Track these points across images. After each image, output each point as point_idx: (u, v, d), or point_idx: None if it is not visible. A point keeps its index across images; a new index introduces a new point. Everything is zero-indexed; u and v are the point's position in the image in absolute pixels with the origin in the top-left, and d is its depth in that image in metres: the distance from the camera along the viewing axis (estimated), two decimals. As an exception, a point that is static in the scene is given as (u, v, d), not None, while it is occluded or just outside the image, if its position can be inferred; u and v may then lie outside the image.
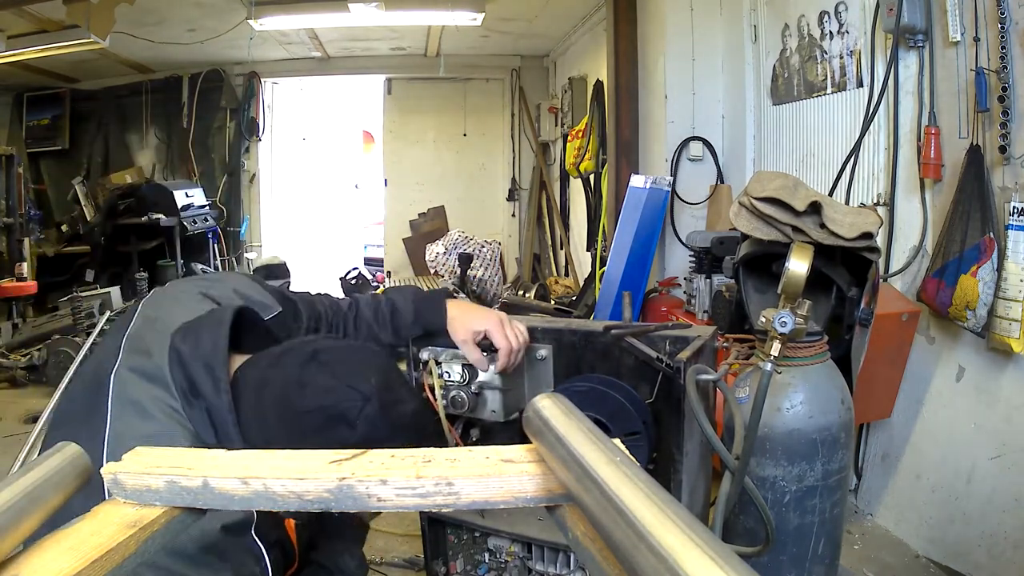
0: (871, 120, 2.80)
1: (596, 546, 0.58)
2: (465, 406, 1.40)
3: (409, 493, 0.61)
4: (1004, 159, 2.21)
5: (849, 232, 1.37)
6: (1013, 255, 2.17)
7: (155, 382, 0.97)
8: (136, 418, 0.95)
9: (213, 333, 1.00)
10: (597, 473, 0.53)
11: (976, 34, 2.29)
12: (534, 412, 0.67)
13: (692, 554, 0.42)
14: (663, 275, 4.28)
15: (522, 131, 8.69)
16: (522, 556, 1.47)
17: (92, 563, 0.55)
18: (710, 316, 3.23)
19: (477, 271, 7.45)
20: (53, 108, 8.24)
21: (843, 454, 1.39)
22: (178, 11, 5.89)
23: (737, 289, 1.59)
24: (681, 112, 4.22)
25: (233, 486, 0.63)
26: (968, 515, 2.41)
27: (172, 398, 0.96)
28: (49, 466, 0.63)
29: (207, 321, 1.03)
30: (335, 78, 8.99)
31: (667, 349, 1.38)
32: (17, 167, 6.52)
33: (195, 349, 0.98)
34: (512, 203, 9.02)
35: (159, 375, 0.98)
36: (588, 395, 1.36)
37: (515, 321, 1.39)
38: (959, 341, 2.49)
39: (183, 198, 6.89)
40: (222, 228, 7.88)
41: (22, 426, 4.32)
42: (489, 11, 5.89)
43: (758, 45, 3.80)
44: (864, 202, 2.91)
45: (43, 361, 5.12)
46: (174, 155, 8.29)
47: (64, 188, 8.11)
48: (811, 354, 1.38)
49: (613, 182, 4.68)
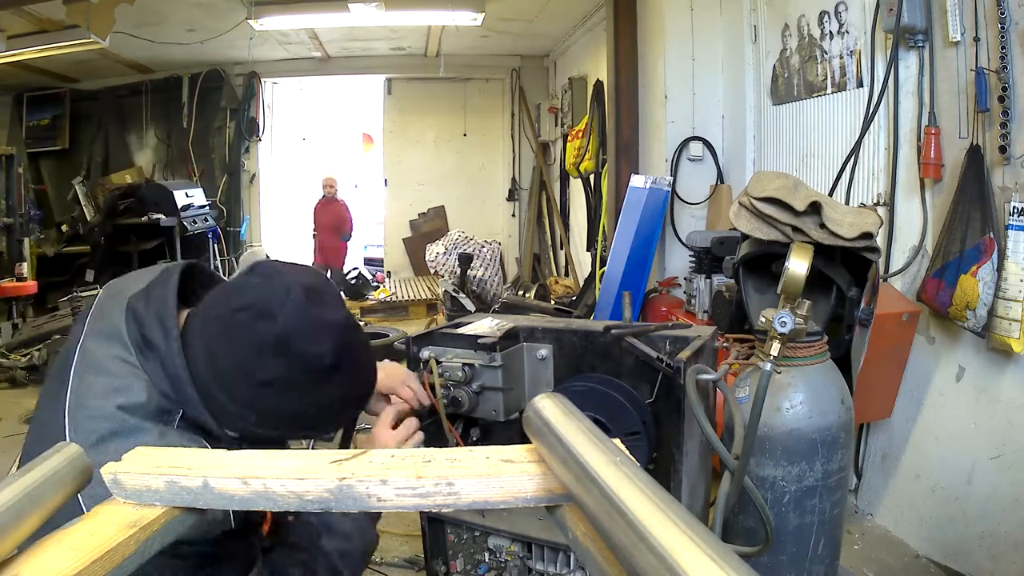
0: (871, 120, 2.80)
1: (596, 546, 0.58)
2: (465, 406, 1.40)
3: (409, 493, 0.61)
4: (1004, 159, 2.21)
5: (849, 232, 1.37)
6: (1013, 255, 2.17)
7: (112, 340, 1.02)
8: (93, 375, 0.99)
9: (163, 286, 1.05)
10: (597, 473, 0.53)
11: (976, 34, 2.29)
12: (534, 412, 0.67)
13: (692, 554, 0.42)
14: (663, 275, 4.28)
15: (522, 131, 8.70)
16: (522, 556, 1.47)
17: (92, 563, 0.55)
18: (710, 316, 3.23)
19: (477, 271, 7.45)
20: (53, 108, 8.25)
21: (843, 454, 1.39)
22: (178, 11, 5.89)
23: (737, 289, 1.59)
24: (681, 112, 4.22)
25: (233, 486, 0.63)
26: (968, 515, 2.41)
27: (128, 353, 1.00)
28: (49, 466, 0.63)
29: (158, 279, 1.08)
30: (335, 78, 9.00)
31: (667, 349, 1.38)
32: (17, 167, 6.52)
33: (147, 304, 1.03)
34: (512, 203, 9.02)
35: (116, 334, 1.02)
36: (588, 395, 1.36)
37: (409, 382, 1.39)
38: (959, 341, 2.49)
39: (183, 198, 6.89)
40: (222, 228, 7.89)
41: (22, 426, 4.32)
42: (489, 11, 5.89)
43: (758, 45, 3.80)
44: (864, 202, 2.91)
45: (43, 361, 5.12)
46: (174, 155, 8.30)
47: (64, 188, 8.12)
48: (811, 354, 1.38)
49: (613, 182, 4.68)
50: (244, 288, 1.00)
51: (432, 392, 1.40)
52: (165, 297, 1.03)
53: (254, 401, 0.97)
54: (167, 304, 1.02)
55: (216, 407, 0.99)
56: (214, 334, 0.99)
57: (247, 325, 0.96)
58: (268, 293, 0.98)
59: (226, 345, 0.97)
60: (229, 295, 1.01)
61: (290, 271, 1.03)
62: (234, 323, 0.97)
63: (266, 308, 0.97)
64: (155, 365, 0.99)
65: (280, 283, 0.99)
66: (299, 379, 0.97)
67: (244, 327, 0.96)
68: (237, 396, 0.97)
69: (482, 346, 1.39)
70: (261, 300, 0.97)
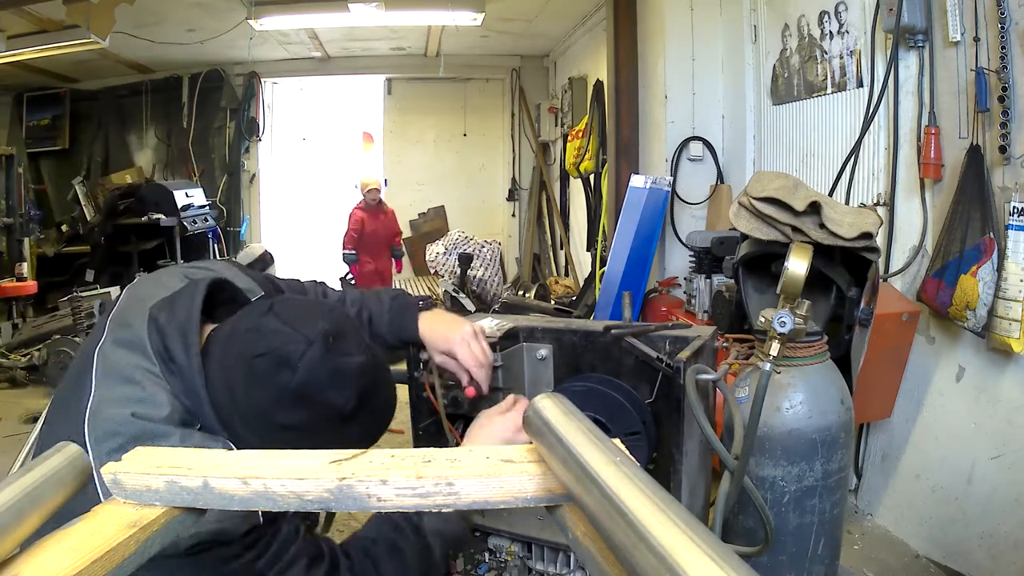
0: (871, 120, 2.80)
1: (596, 546, 0.59)
2: (465, 406, 1.40)
3: (409, 493, 0.61)
4: (1004, 159, 2.21)
5: (849, 232, 1.37)
6: (1013, 255, 2.17)
7: (135, 349, 1.01)
8: (118, 384, 0.98)
9: (187, 301, 1.04)
10: (597, 473, 0.53)
11: (976, 34, 2.29)
12: (534, 412, 0.67)
13: (692, 554, 0.42)
14: (663, 275, 4.28)
15: (522, 131, 8.69)
16: (522, 556, 1.47)
17: (92, 563, 0.55)
18: (710, 316, 3.23)
19: (477, 271, 7.45)
20: (53, 108, 8.24)
21: (843, 454, 1.39)
22: (178, 11, 5.89)
23: (737, 289, 1.59)
24: (681, 112, 4.23)
25: (233, 486, 0.63)
26: (968, 515, 2.41)
27: (152, 363, 0.99)
28: (49, 466, 0.63)
29: (183, 291, 1.07)
30: (335, 78, 9.00)
31: (667, 349, 1.37)
32: (17, 167, 6.52)
33: (171, 317, 1.02)
34: (512, 203, 9.02)
35: (138, 343, 1.01)
36: (588, 395, 1.36)
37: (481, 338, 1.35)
38: (959, 341, 2.49)
39: (183, 198, 6.88)
40: (222, 228, 7.89)
41: (22, 426, 4.32)
42: (489, 11, 5.89)
43: (758, 45, 3.80)
44: (864, 202, 2.91)
45: (43, 361, 5.12)
46: (174, 155, 8.29)
47: (64, 188, 8.12)
48: (811, 354, 1.38)
49: (613, 182, 4.68)
50: (263, 332, 0.98)
51: (432, 392, 1.40)
52: (190, 312, 1.02)
53: (274, 440, 0.95)
54: (191, 319, 1.01)
55: (234, 434, 0.98)
56: (234, 374, 0.98)
57: (267, 372, 0.95)
58: (288, 341, 0.96)
59: (245, 388, 0.96)
60: (249, 337, 0.99)
61: (310, 312, 1.01)
62: (253, 368, 0.96)
63: (286, 357, 0.95)
64: (177, 379, 0.98)
65: (300, 329, 0.97)
66: (320, 425, 0.97)
67: (264, 374, 0.95)
68: (256, 431, 0.97)
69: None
70: (281, 348, 0.96)
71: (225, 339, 1.01)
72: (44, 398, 4.34)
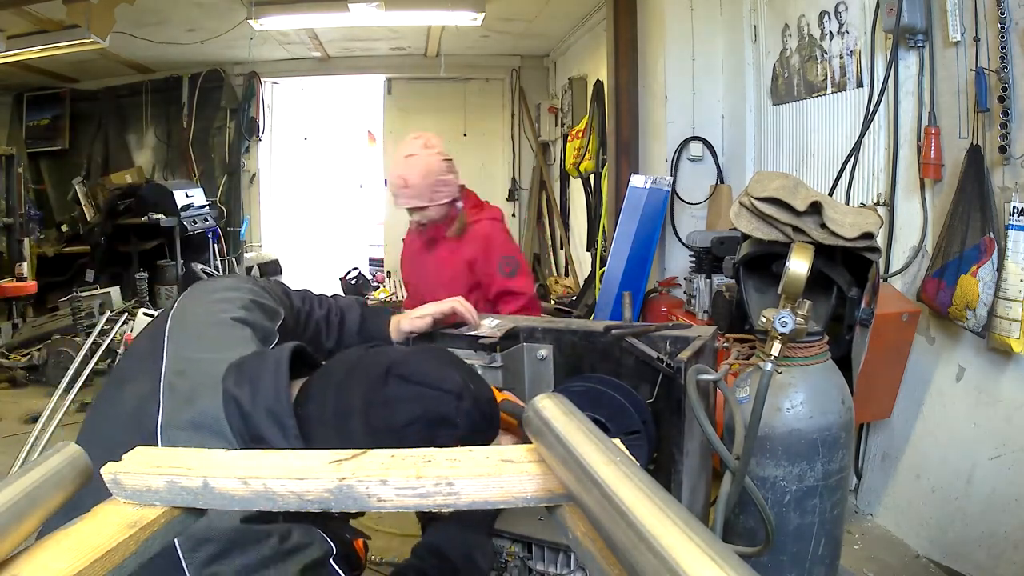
0: (871, 120, 2.80)
1: (596, 546, 0.58)
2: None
3: (409, 493, 0.61)
4: (1004, 159, 2.21)
5: (849, 232, 1.37)
6: (1013, 255, 2.17)
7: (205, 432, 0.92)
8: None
9: (273, 379, 0.95)
10: (597, 473, 0.53)
11: (976, 34, 2.29)
12: (534, 412, 0.67)
13: (692, 554, 0.42)
14: (663, 275, 4.28)
15: (522, 131, 8.69)
16: (522, 556, 1.47)
17: (92, 563, 0.55)
18: (710, 316, 3.23)
19: (477, 271, 7.43)
20: (53, 108, 8.24)
21: (843, 454, 1.39)
22: (178, 11, 5.89)
23: (737, 289, 1.59)
24: (681, 112, 4.22)
25: (233, 486, 0.63)
26: (968, 515, 2.41)
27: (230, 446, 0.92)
28: (49, 466, 0.63)
29: (262, 366, 0.98)
30: (336, 78, 9.00)
31: (667, 349, 1.37)
32: (17, 167, 6.52)
33: (255, 397, 0.94)
34: (512, 203, 9.01)
35: (213, 425, 0.93)
36: (588, 395, 1.36)
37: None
38: (959, 341, 2.49)
39: (183, 198, 6.89)
40: (222, 228, 7.88)
41: (22, 426, 4.32)
42: (489, 11, 5.89)
43: (758, 45, 3.80)
44: (864, 202, 2.91)
45: (43, 361, 5.13)
46: (174, 155, 8.29)
47: (64, 188, 8.11)
48: (811, 354, 1.38)
49: (613, 182, 4.68)
50: (404, 399, 0.94)
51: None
52: (278, 393, 0.94)
53: None
54: (281, 401, 0.93)
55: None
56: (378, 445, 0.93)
57: (425, 436, 0.92)
58: (439, 402, 0.94)
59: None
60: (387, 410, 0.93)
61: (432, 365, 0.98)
62: (405, 436, 0.92)
63: (443, 417, 0.94)
64: None
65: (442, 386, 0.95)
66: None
67: (423, 438, 0.91)
68: None
69: (482, 346, 1.39)
70: (434, 410, 0.93)
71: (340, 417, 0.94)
72: (44, 398, 4.33)
